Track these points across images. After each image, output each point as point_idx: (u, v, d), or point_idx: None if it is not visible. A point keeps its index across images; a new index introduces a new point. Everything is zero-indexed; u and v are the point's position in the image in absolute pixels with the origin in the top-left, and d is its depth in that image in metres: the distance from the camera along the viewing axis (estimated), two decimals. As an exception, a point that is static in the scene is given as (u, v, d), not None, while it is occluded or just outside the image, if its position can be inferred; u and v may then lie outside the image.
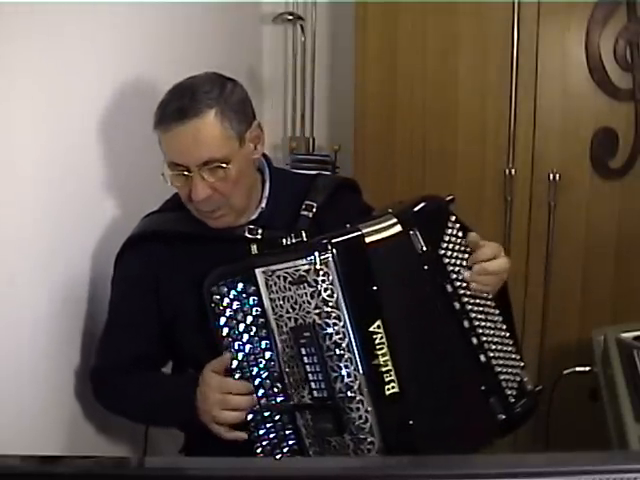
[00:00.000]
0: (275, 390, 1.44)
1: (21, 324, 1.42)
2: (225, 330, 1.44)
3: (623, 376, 1.72)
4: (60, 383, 1.56)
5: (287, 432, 1.45)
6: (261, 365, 1.44)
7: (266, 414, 1.44)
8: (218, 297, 1.43)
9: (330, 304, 1.37)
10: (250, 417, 1.43)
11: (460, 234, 1.47)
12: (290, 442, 1.46)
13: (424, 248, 1.43)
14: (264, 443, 1.45)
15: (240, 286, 1.43)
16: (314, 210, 1.56)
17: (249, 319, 1.44)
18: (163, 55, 1.92)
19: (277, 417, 1.45)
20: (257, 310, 1.43)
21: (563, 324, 2.43)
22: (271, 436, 1.45)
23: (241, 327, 1.44)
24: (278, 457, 1.43)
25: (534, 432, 2.46)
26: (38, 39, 1.41)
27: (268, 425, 1.45)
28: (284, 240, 1.46)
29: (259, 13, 2.78)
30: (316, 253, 1.36)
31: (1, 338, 1.36)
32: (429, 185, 2.47)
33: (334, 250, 1.37)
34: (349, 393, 1.38)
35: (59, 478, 0.89)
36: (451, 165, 2.44)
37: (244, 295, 1.43)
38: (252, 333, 1.44)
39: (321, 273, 1.36)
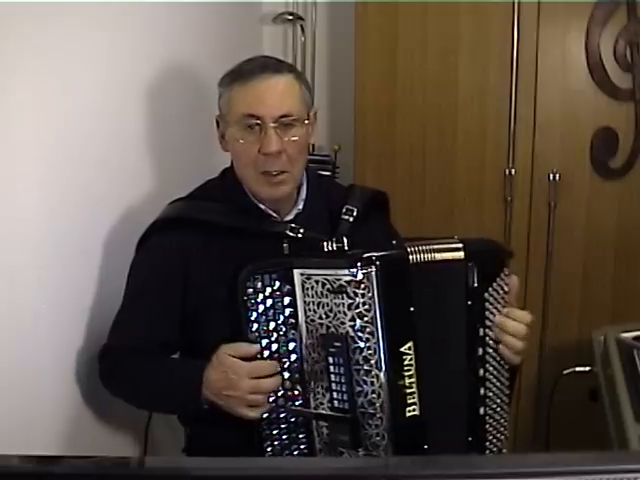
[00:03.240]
0: (295, 392, 1.44)
1: (22, 318, 1.42)
2: (254, 325, 1.42)
3: (623, 376, 1.72)
4: (61, 379, 1.56)
5: (300, 435, 1.45)
6: (285, 366, 1.43)
7: (282, 415, 1.44)
8: (252, 291, 1.42)
9: (366, 319, 1.36)
10: (265, 415, 1.43)
11: (506, 288, 1.46)
12: (301, 446, 1.46)
13: (475, 284, 1.42)
14: (275, 443, 1.45)
15: (277, 284, 1.42)
16: (354, 214, 1.57)
17: (280, 318, 1.43)
18: (162, 55, 1.92)
19: (292, 419, 1.45)
20: (290, 311, 1.42)
21: (563, 324, 2.43)
22: (283, 437, 1.45)
23: (271, 325, 1.43)
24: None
25: (534, 432, 2.47)
26: (40, 38, 1.41)
27: (282, 426, 1.45)
28: (325, 244, 1.47)
29: (259, 13, 2.78)
30: (359, 266, 1.35)
31: (2, 332, 1.36)
32: (429, 185, 2.47)
33: (378, 265, 1.35)
34: (370, 409, 1.37)
35: (59, 478, 0.89)
36: (451, 165, 2.44)
37: (279, 293, 1.42)
38: (281, 332, 1.43)
39: (362, 286, 1.35)
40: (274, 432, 1.45)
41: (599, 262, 2.39)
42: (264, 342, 1.43)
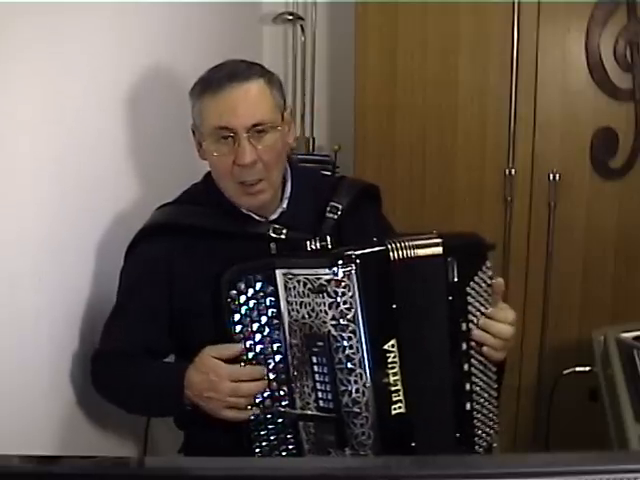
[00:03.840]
0: (281, 393, 1.43)
1: (22, 321, 1.42)
2: (238, 327, 1.42)
3: (623, 376, 1.72)
4: (61, 380, 1.56)
5: (288, 436, 1.45)
6: (270, 367, 1.43)
7: (269, 416, 1.44)
8: (235, 293, 1.41)
9: (347, 317, 1.35)
10: (253, 417, 1.43)
11: (489, 281, 1.45)
12: (290, 446, 1.45)
13: (455, 279, 1.41)
14: (264, 444, 1.45)
15: (259, 285, 1.41)
16: (339, 213, 1.56)
17: (264, 319, 1.42)
18: (162, 55, 1.92)
19: (280, 420, 1.44)
20: (273, 311, 1.42)
21: (563, 324, 2.43)
22: (271, 438, 1.45)
23: (255, 326, 1.42)
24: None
25: (534, 432, 2.47)
26: (39, 38, 1.41)
27: (270, 427, 1.44)
28: (308, 243, 1.46)
29: (259, 13, 2.79)
30: (340, 264, 1.34)
31: (3, 335, 1.36)
32: (429, 185, 2.47)
33: (358, 263, 1.34)
34: (355, 408, 1.37)
35: (59, 478, 0.89)
36: (451, 165, 2.44)
37: (261, 294, 1.41)
38: (265, 333, 1.42)
39: (342, 285, 1.34)
40: (262, 433, 1.44)
41: (599, 262, 2.39)
42: (248, 343, 1.42)
